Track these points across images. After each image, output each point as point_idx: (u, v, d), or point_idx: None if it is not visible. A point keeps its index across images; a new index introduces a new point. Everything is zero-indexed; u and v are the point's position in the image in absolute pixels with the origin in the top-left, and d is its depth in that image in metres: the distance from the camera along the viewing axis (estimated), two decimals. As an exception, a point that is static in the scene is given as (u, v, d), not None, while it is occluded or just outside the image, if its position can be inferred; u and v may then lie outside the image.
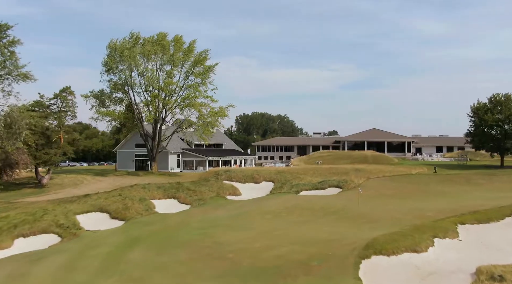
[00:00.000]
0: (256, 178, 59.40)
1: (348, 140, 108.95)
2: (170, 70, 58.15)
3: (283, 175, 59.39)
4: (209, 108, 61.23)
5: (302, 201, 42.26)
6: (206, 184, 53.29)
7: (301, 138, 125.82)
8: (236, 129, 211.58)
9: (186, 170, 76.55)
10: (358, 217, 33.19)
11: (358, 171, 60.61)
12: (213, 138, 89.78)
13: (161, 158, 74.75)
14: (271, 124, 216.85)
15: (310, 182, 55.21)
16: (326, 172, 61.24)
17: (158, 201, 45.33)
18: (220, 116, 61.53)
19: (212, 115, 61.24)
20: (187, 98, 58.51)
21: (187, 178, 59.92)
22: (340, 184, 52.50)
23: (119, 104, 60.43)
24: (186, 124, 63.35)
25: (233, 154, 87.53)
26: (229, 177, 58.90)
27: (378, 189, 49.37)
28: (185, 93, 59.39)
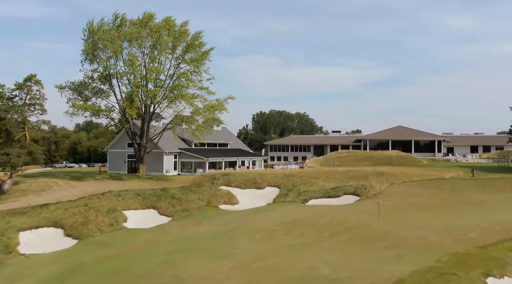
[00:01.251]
0: (259, 182, 51.96)
1: (370, 139, 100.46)
2: (155, 55, 50.96)
3: (290, 180, 51.77)
4: (205, 102, 53.82)
5: (308, 213, 34.60)
6: (197, 190, 46.06)
7: (318, 137, 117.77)
8: (252, 128, 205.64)
9: (184, 172, 69.55)
10: (378, 238, 25.44)
11: (380, 175, 52.56)
12: (217, 137, 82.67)
13: (154, 159, 67.93)
14: (289, 123, 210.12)
15: (322, 188, 47.44)
16: (342, 176, 53.34)
17: (133, 212, 38.37)
18: (217, 110, 54.15)
19: (208, 109, 53.91)
20: (176, 88, 51.16)
21: (178, 182, 52.83)
22: (358, 190, 44.62)
23: (102, 97, 53.57)
24: (178, 120, 56.14)
25: (240, 154, 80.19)
26: (227, 182, 51.62)
27: (404, 197, 41.36)
28: (175, 83, 52.08)
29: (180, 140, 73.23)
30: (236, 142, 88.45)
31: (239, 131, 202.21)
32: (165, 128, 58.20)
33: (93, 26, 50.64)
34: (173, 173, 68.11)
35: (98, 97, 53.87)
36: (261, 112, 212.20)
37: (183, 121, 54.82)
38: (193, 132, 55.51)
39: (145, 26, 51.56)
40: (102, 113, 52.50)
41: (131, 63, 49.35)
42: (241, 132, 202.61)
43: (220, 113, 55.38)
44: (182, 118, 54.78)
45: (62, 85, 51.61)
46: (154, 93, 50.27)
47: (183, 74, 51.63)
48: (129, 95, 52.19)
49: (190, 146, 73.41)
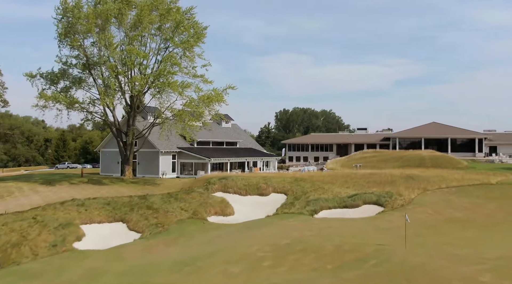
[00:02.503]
0: (262, 188, 44.54)
1: (400, 137, 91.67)
2: (136, 34, 43.85)
3: (301, 185, 44.17)
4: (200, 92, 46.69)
5: (312, 231, 27.00)
6: (184, 198, 38.97)
7: (342, 135, 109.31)
8: (274, 126, 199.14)
9: (184, 175, 62.72)
10: (402, 278, 17.65)
11: (411, 179, 44.41)
12: (225, 135, 75.59)
13: (149, 160, 61.31)
14: (314, 121, 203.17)
15: (337, 195, 39.64)
16: (364, 180, 45.40)
17: (95, 226, 31.56)
18: (216, 102, 46.90)
19: (203, 101, 46.69)
20: (162, 75, 43.90)
21: (167, 187, 45.94)
22: (381, 199, 36.69)
23: (82, 88, 46.90)
24: (165, 114, 49.15)
25: (251, 154, 72.86)
26: (224, 187, 44.40)
27: (440, 208, 33.28)
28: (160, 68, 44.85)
29: (180, 138, 66.39)
30: (247, 140, 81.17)
31: (260, 130, 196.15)
32: (153, 123, 51.21)
33: (68, 2, 44.05)
34: (170, 175, 61.38)
35: (78, 87, 47.33)
36: (284, 110, 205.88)
37: (175, 115, 47.66)
38: (183, 129, 48.40)
39: (128, 3, 44.68)
40: (79, 105, 45.85)
41: (109, 44, 42.51)
42: (262, 131, 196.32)
43: (219, 104, 48.08)
44: (171, 112, 47.64)
45: (32, 73, 45.24)
46: (135, 80, 43.23)
47: (170, 58, 44.44)
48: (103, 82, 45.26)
49: (192, 145, 66.48)
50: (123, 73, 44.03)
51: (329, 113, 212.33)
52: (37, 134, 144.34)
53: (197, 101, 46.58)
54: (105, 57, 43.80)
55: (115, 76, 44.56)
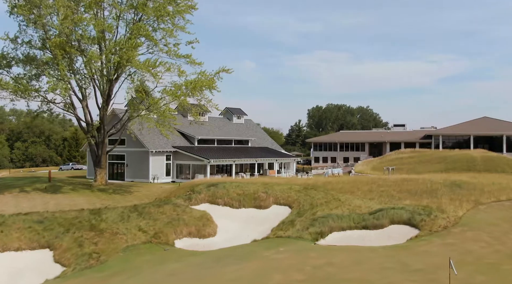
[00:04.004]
0: (261, 198, 35.73)
1: (445, 134, 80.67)
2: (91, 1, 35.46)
3: (310, 194, 35.11)
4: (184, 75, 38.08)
5: (302, 274, 18.04)
6: (151, 213, 30.57)
7: (375, 132, 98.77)
8: (306, 124, 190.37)
9: (181, 179, 54.53)
10: None
11: (457, 188, 34.64)
12: (235, 132, 66.97)
13: (138, 161, 53.47)
14: (349, 118, 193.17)
15: (356, 210, 30.31)
16: (395, 189, 35.81)
17: (9, 255, 23.57)
18: (204, 88, 38.26)
19: (186, 87, 38.07)
20: (124, 50, 35.03)
21: (142, 196, 37.78)
22: (416, 218, 27.19)
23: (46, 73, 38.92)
24: (136, 103, 40.79)
25: (265, 154, 64.06)
26: (212, 197, 35.83)
27: (501, 235, 23.60)
28: (123, 40, 36.12)
29: (178, 135, 58.25)
30: (262, 138, 72.24)
31: (290, 128, 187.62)
32: (130, 118, 42.87)
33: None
34: (164, 179, 53.29)
35: (40, 72, 39.59)
36: (317, 106, 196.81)
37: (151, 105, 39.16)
38: (157, 122, 40.01)
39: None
40: (34, 94, 38.02)
41: (64, 16, 34.40)
42: (292, 129, 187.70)
43: (210, 91, 39.34)
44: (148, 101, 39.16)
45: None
46: (91, 58, 34.69)
47: (138, 29, 35.85)
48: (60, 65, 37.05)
49: (192, 143, 58.17)
50: (78, 52, 35.55)
51: (366, 110, 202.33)
52: (56, 133, 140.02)
53: (179, 87, 37.96)
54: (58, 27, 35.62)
55: (67, 56, 36.46)
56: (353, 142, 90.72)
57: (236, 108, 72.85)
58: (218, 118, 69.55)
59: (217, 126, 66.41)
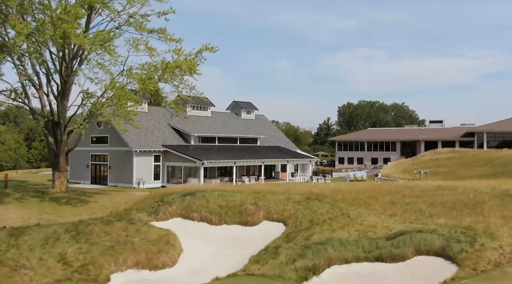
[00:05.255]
0: (249, 212, 28.37)
1: (490, 131, 71.22)
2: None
3: (312, 207, 27.57)
4: (154, 54, 30.84)
5: None
6: (92, 232, 23.57)
7: (408, 130, 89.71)
8: (335, 122, 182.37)
9: (172, 183, 47.62)
10: None
11: (511, 199, 26.42)
12: (242, 129, 59.67)
13: (122, 163, 46.82)
14: (383, 116, 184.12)
15: (368, 232, 22.51)
16: (425, 200, 27.77)
17: None
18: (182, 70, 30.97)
19: (157, 68, 30.81)
20: (67, 19, 27.54)
21: (96, 208, 30.73)
22: (452, 247, 19.33)
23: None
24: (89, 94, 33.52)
25: (276, 154, 56.57)
26: (186, 209, 28.69)
27: None
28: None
29: (171, 131, 51.43)
30: (274, 136, 64.61)
31: (319, 126, 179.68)
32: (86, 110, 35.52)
33: None
34: (152, 184, 46.48)
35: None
36: (348, 103, 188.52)
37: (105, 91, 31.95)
38: (112, 114, 32.82)
39: None
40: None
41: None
42: (321, 128, 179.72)
43: (190, 75, 32.02)
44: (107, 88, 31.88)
45: None
46: (12, 23, 27.18)
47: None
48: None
49: (188, 142, 51.08)
50: (13, 20, 28.24)
51: (401, 107, 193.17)
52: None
53: (147, 69, 30.77)
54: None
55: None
56: (383, 140, 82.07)
57: (245, 102, 65.46)
58: (223, 114, 62.41)
59: (221, 122, 59.26)
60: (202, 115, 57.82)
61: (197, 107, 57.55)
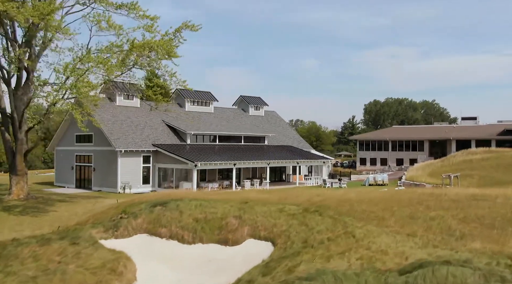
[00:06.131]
0: (231, 226, 23.33)
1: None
2: None
3: (309, 223, 22.28)
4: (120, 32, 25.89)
5: None
6: (16, 258, 18.66)
7: (438, 128, 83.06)
8: (361, 121, 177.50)
9: (163, 187, 42.72)
10: None
11: None
12: (249, 126, 54.44)
13: (107, 164, 42.11)
14: (411, 114, 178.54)
15: (377, 260, 16.90)
16: (454, 214, 22.04)
17: None
18: (156, 51, 25.96)
19: (121, 48, 25.83)
20: None
21: (40, 223, 25.88)
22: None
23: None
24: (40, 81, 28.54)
25: (287, 155, 51.21)
26: (154, 223, 23.77)
27: None
28: None
29: (165, 129, 46.52)
30: (285, 134, 59.19)
31: (343, 125, 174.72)
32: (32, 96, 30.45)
33: None
34: (140, 188, 41.67)
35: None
36: (374, 100, 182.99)
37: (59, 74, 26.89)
38: (72, 105, 27.81)
39: None
40: None
41: None
42: (345, 127, 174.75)
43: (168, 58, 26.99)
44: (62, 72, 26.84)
45: None
46: None
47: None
48: None
49: (184, 140, 46.07)
50: None
51: (431, 105, 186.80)
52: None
53: (110, 51, 25.76)
54: None
55: None
56: (409, 139, 75.74)
57: (253, 97, 60.09)
58: (228, 110, 57.25)
59: (225, 119, 54.11)
60: (203, 111, 52.82)
61: (198, 102, 52.58)
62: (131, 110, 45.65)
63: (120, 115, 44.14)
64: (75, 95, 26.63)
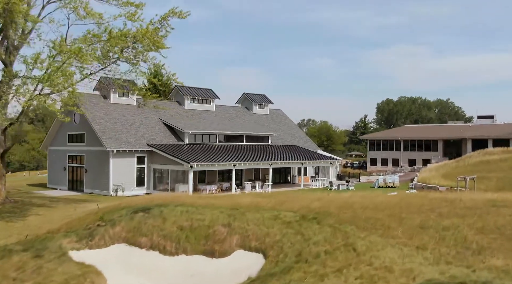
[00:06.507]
0: (218, 235, 21.09)
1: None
2: None
3: (305, 232, 19.90)
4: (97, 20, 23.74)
5: None
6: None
7: (452, 126, 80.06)
8: (373, 120, 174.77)
9: (158, 190, 40.60)
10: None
11: None
12: (252, 125, 52.15)
13: (99, 165, 40.11)
14: (425, 113, 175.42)
15: (379, 279, 14.48)
16: (470, 222, 19.52)
17: None
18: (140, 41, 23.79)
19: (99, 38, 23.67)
20: None
21: (11, 231, 23.79)
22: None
23: None
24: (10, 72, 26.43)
25: (292, 155, 48.87)
26: (134, 231, 21.67)
27: None
28: None
29: (163, 128, 44.44)
30: (291, 134, 56.85)
31: (354, 124, 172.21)
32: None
33: None
34: (135, 191, 39.63)
35: None
36: (387, 99, 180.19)
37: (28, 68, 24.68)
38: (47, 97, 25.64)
39: None
40: None
41: None
42: (357, 126, 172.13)
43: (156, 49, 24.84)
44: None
45: None
46: None
47: None
48: None
49: (182, 140, 43.94)
50: None
51: (446, 104, 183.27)
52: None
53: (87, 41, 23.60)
54: None
55: None
56: (422, 138, 72.88)
57: (257, 95, 57.71)
58: (230, 107, 54.95)
59: (227, 118, 51.86)
60: (204, 109, 50.58)
61: (198, 100, 50.36)
62: (127, 108, 43.58)
63: (114, 113, 42.08)
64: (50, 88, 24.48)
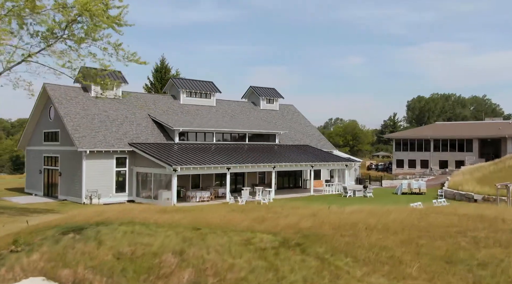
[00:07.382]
0: (165, 267, 15.84)
1: None
2: None
3: (283, 267, 14.43)
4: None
5: None
6: None
7: (489, 124, 73.07)
8: (403, 118, 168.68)
9: (142, 197, 35.61)
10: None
11: None
12: (253, 122, 46.79)
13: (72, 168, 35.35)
14: (459, 110, 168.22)
15: None
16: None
17: None
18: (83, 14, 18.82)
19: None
20: None
21: None
22: None
23: None
24: None
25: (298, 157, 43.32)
26: (56, 260, 16.36)
27: None
28: None
29: (152, 125, 39.51)
30: (304, 132, 51.30)
31: (383, 123, 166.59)
32: None
33: None
34: (114, 198, 34.75)
35: None
36: (418, 96, 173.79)
37: None
38: None
39: None
40: None
41: None
42: (386, 125, 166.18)
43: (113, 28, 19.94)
44: None
45: None
46: None
47: None
48: None
49: (172, 139, 38.85)
50: None
51: (482, 100, 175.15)
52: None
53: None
54: None
55: None
56: (455, 137, 66.25)
57: (265, 88, 52.12)
58: (233, 102, 49.61)
59: (228, 114, 46.59)
60: (203, 104, 45.41)
61: (196, 94, 45.22)
62: (110, 102, 38.72)
63: (93, 108, 37.24)
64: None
